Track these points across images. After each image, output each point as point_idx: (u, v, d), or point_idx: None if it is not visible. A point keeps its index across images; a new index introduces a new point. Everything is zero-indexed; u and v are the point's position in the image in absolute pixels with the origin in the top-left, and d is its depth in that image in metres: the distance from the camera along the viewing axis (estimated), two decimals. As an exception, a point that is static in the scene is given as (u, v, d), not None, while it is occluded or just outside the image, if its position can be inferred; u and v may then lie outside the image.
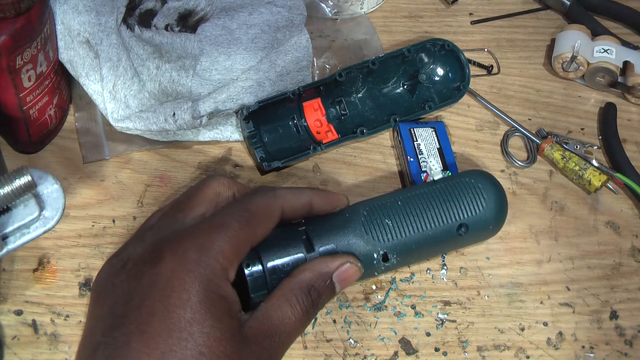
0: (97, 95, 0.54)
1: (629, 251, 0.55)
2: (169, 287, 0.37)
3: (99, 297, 0.40)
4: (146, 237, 0.41)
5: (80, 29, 0.53)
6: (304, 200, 0.44)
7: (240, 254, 0.40)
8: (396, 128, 0.58)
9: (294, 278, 0.42)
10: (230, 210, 0.41)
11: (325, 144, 0.56)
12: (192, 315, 0.36)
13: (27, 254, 0.50)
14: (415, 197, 0.47)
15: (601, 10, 0.70)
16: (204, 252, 0.38)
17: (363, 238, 0.45)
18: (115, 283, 0.39)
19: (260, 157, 0.55)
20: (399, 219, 0.46)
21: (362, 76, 0.59)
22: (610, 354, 0.50)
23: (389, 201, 0.47)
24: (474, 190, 0.48)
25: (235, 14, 0.62)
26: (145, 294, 0.37)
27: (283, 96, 0.56)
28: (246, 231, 0.40)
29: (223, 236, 0.39)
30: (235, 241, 0.40)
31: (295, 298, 0.41)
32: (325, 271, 0.42)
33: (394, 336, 0.50)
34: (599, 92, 0.65)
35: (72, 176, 0.54)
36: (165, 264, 0.38)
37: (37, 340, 0.47)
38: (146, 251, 0.39)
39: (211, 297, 0.37)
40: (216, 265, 0.38)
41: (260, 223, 0.42)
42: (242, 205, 0.42)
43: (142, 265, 0.39)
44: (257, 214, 0.41)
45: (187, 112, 0.53)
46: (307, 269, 0.42)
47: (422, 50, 0.60)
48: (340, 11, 0.67)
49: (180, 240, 0.39)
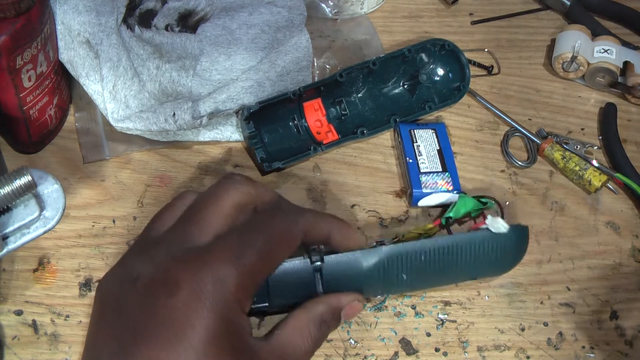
0: (97, 96, 0.54)
1: (629, 251, 0.55)
2: (184, 321, 0.36)
3: (104, 313, 0.38)
4: (157, 255, 0.39)
5: (81, 29, 0.53)
6: (324, 231, 0.43)
7: (258, 285, 0.40)
8: (397, 129, 0.58)
9: (308, 311, 0.42)
10: (250, 237, 0.39)
11: (326, 145, 0.56)
12: (207, 350, 0.36)
13: (27, 254, 0.50)
14: (439, 256, 0.46)
15: (601, 10, 0.70)
16: (222, 285, 0.37)
17: (377, 287, 0.46)
18: (124, 303, 0.38)
19: (261, 157, 0.55)
20: (416, 275, 0.46)
21: (363, 76, 0.59)
22: (611, 354, 0.50)
23: (411, 254, 0.45)
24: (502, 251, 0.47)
25: (235, 14, 0.62)
26: (159, 325, 0.36)
27: (284, 96, 0.56)
28: (265, 263, 0.39)
29: (242, 269, 0.38)
30: (254, 274, 0.39)
31: (308, 331, 0.41)
32: (336, 306, 0.43)
33: (394, 336, 0.50)
34: (599, 92, 0.65)
35: (72, 176, 0.54)
36: (180, 294, 0.36)
37: (37, 340, 0.47)
38: (159, 273, 0.38)
39: (226, 332, 0.37)
40: (233, 300, 0.37)
41: (279, 253, 0.41)
42: (264, 233, 0.40)
43: (154, 289, 0.37)
44: (278, 245, 0.40)
45: (187, 112, 0.53)
46: (321, 302, 0.43)
47: (423, 50, 0.60)
48: (340, 11, 0.67)
49: (197, 268, 0.37)
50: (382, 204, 0.56)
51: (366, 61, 0.58)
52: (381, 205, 0.56)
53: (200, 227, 0.40)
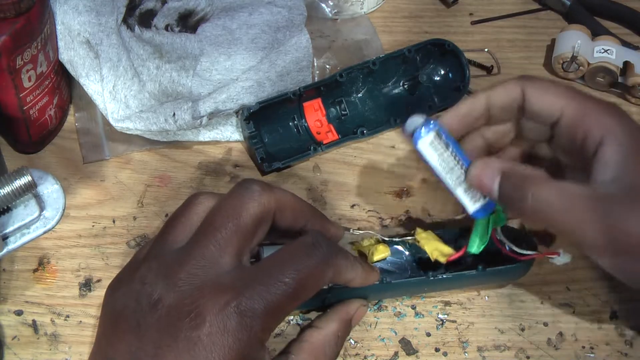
0: (97, 96, 0.54)
1: (629, 251, 0.55)
2: (206, 356, 0.35)
3: (119, 326, 0.37)
4: (179, 280, 0.37)
5: (81, 29, 0.53)
6: (349, 278, 0.42)
7: (279, 323, 0.39)
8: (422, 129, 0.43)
9: (322, 331, 0.43)
10: (282, 273, 0.37)
11: (326, 145, 0.56)
12: None
13: (27, 254, 0.50)
14: (444, 286, 0.50)
15: (601, 10, 0.70)
16: (247, 323, 0.36)
17: (378, 298, 0.50)
18: (142, 324, 0.36)
19: (261, 157, 0.55)
20: (416, 293, 0.51)
21: (363, 76, 0.59)
22: (611, 354, 0.50)
23: (415, 286, 0.49)
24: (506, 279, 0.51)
25: (235, 14, 0.62)
26: (179, 356, 0.35)
27: (284, 97, 0.56)
28: (292, 302, 0.38)
29: (269, 307, 0.36)
30: (279, 312, 0.38)
31: (324, 352, 0.42)
32: (348, 318, 0.45)
33: (394, 336, 0.49)
34: (599, 92, 0.65)
35: (72, 176, 0.54)
36: (205, 328, 0.35)
37: (37, 340, 0.47)
38: (183, 302, 0.36)
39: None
40: (255, 339, 0.36)
41: (307, 293, 0.38)
42: (296, 271, 0.37)
43: (178, 318, 0.36)
44: (307, 286, 0.38)
45: (187, 112, 0.53)
46: (333, 320, 0.44)
47: (422, 50, 0.60)
48: (340, 11, 0.67)
49: (224, 302, 0.36)
50: (382, 204, 0.56)
51: (366, 61, 0.58)
52: (381, 205, 0.56)
53: (222, 248, 0.38)
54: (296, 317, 0.49)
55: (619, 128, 0.41)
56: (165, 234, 0.40)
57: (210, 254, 0.38)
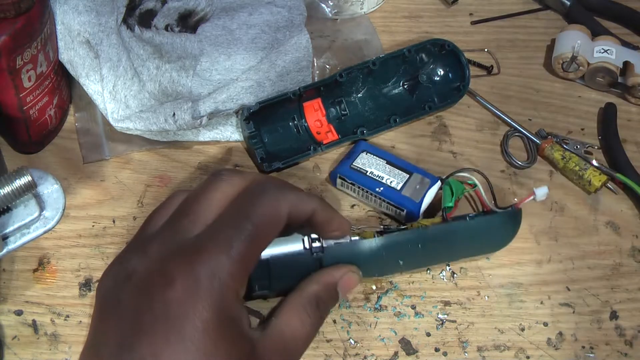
0: (97, 96, 0.54)
1: (629, 251, 0.55)
2: (182, 315, 0.36)
3: (103, 311, 0.39)
4: (151, 250, 0.39)
5: (81, 29, 0.53)
6: (309, 208, 0.43)
7: (249, 270, 0.40)
8: (340, 179, 0.55)
9: (302, 292, 0.42)
10: (236, 224, 0.39)
11: (326, 145, 0.56)
12: (207, 342, 0.36)
13: (27, 254, 0.50)
14: (436, 243, 0.49)
15: (601, 10, 0.70)
16: (216, 278, 0.37)
17: (374, 271, 0.47)
18: (121, 298, 0.38)
19: (261, 157, 0.55)
20: (412, 260, 0.49)
21: (362, 76, 0.59)
22: (611, 354, 0.50)
23: (409, 243, 0.47)
24: (495, 235, 0.51)
25: (235, 14, 0.62)
26: (157, 319, 0.36)
27: (283, 97, 0.56)
28: (254, 248, 0.39)
29: (233, 257, 0.38)
30: (244, 261, 0.39)
31: (305, 313, 0.41)
32: (330, 282, 0.43)
33: (394, 336, 0.50)
34: (599, 92, 0.65)
35: (72, 176, 0.54)
36: (176, 288, 0.37)
37: (37, 340, 0.47)
38: (154, 268, 0.38)
39: (224, 322, 0.37)
40: (228, 290, 0.37)
41: (267, 234, 0.40)
42: (248, 217, 0.39)
43: (150, 284, 0.37)
44: (264, 227, 0.40)
45: (187, 112, 0.53)
46: (314, 282, 0.43)
47: (422, 50, 0.60)
48: (340, 11, 0.67)
49: (191, 262, 0.37)
50: (382, 204, 0.56)
51: (366, 61, 0.58)
52: (381, 205, 0.56)
53: (192, 220, 0.40)
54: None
55: None
56: (144, 224, 0.43)
57: (181, 226, 0.40)
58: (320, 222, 0.44)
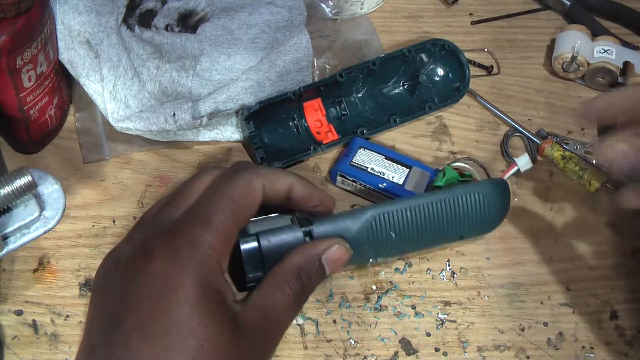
0: (97, 96, 0.54)
1: (629, 251, 0.55)
2: (164, 286, 0.37)
3: (94, 299, 0.40)
4: (135, 235, 0.41)
5: (81, 29, 0.53)
6: (285, 183, 0.44)
7: (230, 243, 0.41)
8: (336, 176, 0.55)
9: (284, 263, 0.42)
10: (213, 199, 0.41)
11: (326, 144, 0.56)
12: (190, 311, 0.37)
13: (27, 254, 0.50)
14: (424, 211, 0.47)
15: (601, 10, 0.70)
16: (196, 248, 0.39)
17: (367, 249, 0.45)
18: (109, 283, 0.39)
19: (261, 157, 0.55)
20: (404, 232, 0.47)
21: (362, 76, 0.59)
22: (610, 354, 0.50)
23: (398, 211, 0.46)
24: (484, 205, 0.49)
25: (235, 14, 0.62)
26: (141, 293, 0.37)
27: (284, 97, 0.56)
28: (232, 220, 0.41)
29: (212, 230, 0.39)
30: (223, 233, 0.40)
31: (286, 284, 0.41)
32: (313, 254, 0.43)
33: (394, 336, 0.50)
34: (599, 92, 0.65)
35: (72, 176, 0.54)
36: (157, 262, 0.38)
37: (37, 340, 0.47)
38: (136, 249, 0.40)
39: (206, 292, 0.38)
40: (209, 260, 0.39)
41: (244, 207, 0.41)
42: (224, 193, 0.41)
43: (133, 263, 0.39)
44: (240, 200, 0.41)
45: (187, 112, 0.53)
46: (296, 253, 0.43)
47: (422, 50, 0.60)
48: (340, 11, 0.67)
49: (170, 237, 0.39)
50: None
51: (366, 61, 0.58)
52: (381, 205, 0.56)
53: (174, 206, 0.42)
54: (296, 317, 0.49)
55: None
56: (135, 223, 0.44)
57: (164, 213, 0.41)
58: (300, 198, 0.44)
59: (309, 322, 0.49)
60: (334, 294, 0.51)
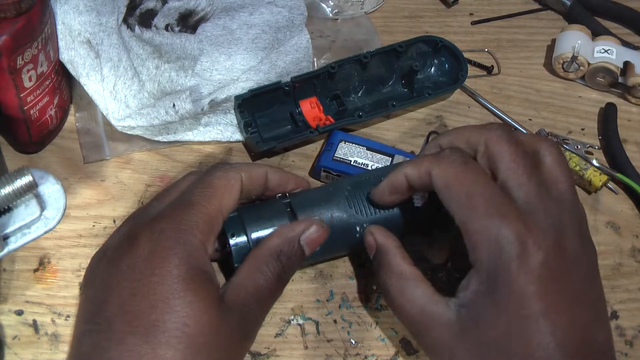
0: (97, 95, 0.54)
1: (629, 251, 0.55)
2: (148, 267, 0.38)
3: (83, 293, 0.42)
4: (122, 227, 0.43)
5: (81, 29, 0.53)
6: (261, 172, 0.46)
7: (215, 228, 0.42)
8: (320, 172, 0.55)
9: (263, 246, 0.44)
10: (194, 188, 0.43)
11: (322, 128, 0.56)
12: (174, 289, 0.38)
13: (27, 254, 0.50)
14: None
15: (601, 10, 0.70)
16: (181, 229, 0.40)
17: (347, 212, 0.47)
18: (97, 273, 0.41)
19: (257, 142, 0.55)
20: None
21: (358, 73, 0.59)
22: (611, 354, 0.50)
23: (372, 177, 0.48)
24: None
25: (235, 14, 0.62)
26: (124, 277, 0.39)
27: (276, 85, 0.56)
28: (214, 205, 0.42)
29: (195, 212, 0.41)
30: (207, 217, 0.41)
31: (265, 265, 0.42)
32: (291, 235, 0.44)
33: (395, 336, 0.50)
34: (599, 92, 0.65)
35: (72, 176, 0.54)
36: (141, 246, 0.39)
37: (38, 340, 0.47)
38: (122, 238, 0.41)
39: (191, 272, 0.39)
40: (194, 241, 0.40)
41: (224, 194, 0.43)
42: (204, 182, 0.43)
43: (119, 251, 0.40)
44: (219, 187, 0.43)
45: (186, 101, 0.53)
46: (275, 236, 0.44)
47: (417, 46, 0.61)
48: (340, 11, 0.67)
49: (155, 223, 0.40)
50: (383, 204, 0.56)
51: (357, 55, 0.58)
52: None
53: (159, 200, 0.44)
54: (297, 317, 0.49)
55: (488, 257, 0.39)
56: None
57: (150, 207, 0.43)
58: (277, 184, 0.47)
59: (309, 322, 0.49)
60: (335, 294, 0.51)
